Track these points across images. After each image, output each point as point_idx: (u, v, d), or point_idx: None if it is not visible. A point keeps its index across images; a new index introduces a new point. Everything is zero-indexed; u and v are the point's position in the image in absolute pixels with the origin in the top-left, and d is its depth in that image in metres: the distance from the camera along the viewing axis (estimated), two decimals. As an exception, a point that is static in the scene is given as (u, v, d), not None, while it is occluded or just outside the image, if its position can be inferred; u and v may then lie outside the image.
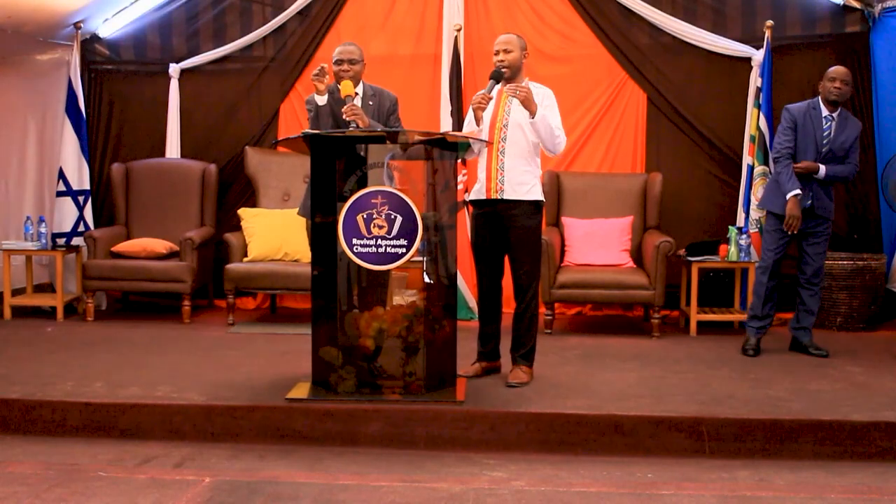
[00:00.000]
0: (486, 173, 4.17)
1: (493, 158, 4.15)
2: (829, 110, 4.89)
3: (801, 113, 4.94)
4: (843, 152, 4.91)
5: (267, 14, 6.44)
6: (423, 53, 6.32)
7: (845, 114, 4.97)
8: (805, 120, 4.91)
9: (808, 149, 4.89)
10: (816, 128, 4.88)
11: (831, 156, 4.89)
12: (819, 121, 4.89)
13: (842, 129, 4.89)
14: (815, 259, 4.95)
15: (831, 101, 4.86)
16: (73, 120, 6.25)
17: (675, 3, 6.12)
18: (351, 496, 3.09)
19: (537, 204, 4.20)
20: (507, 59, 4.15)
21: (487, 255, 4.28)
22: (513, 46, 4.17)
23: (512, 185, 4.13)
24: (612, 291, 5.51)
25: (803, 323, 5.03)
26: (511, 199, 4.13)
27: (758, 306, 5.03)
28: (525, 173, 4.16)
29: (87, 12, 6.19)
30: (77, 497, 3.05)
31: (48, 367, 4.47)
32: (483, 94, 4.09)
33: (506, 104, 4.18)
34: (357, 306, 3.87)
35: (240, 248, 5.98)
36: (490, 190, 4.16)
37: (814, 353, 4.94)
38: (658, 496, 3.13)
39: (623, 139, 6.27)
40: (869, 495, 3.15)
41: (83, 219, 6.27)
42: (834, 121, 4.89)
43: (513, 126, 4.14)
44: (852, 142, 4.91)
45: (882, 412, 3.70)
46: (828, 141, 4.87)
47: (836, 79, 4.85)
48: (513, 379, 4.18)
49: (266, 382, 4.14)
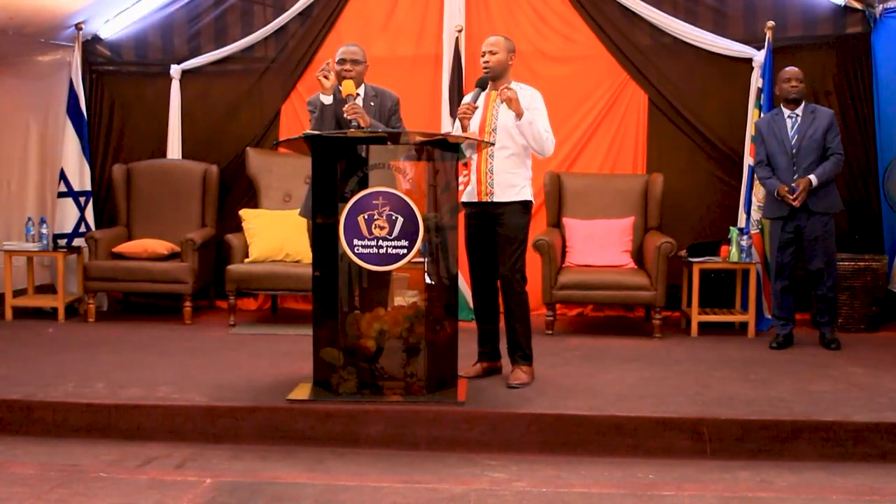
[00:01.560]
0: (477, 176, 4.21)
1: (483, 161, 4.18)
2: (791, 109, 5.16)
3: (765, 122, 5.29)
4: (819, 144, 5.09)
5: (268, 15, 6.44)
6: (424, 54, 6.32)
7: (812, 107, 5.22)
8: (769, 127, 5.22)
9: (776, 151, 5.17)
10: (780, 129, 5.16)
11: (805, 152, 5.08)
12: (782, 123, 5.17)
13: (809, 122, 5.11)
14: (820, 258, 5.11)
15: (791, 100, 5.15)
16: (75, 121, 6.25)
17: (676, 3, 6.12)
18: (352, 497, 3.09)
19: (525, 203, 4.23)
20: (491, 60, 4.16)
21: (480, 256, 4.30)
22: (499, 48, 4.17)
23: (502, 187, 4.16)
24: (613, 292, 5.51)
25: (822, 318, 5.22)
26: (501, 201, 4.17)
27: (775, 307, 5.31)
28: (515, 176, 4.18)
29: (89, 13, 6.19)
30: (78, 498, 3.06)
31: (49, 367, 4.47)
32: (468, 103, 4.12)
33: (494, 108, 4.20)
34: (358, 307, 3.87)
35: (241, 249, 5.99)
36: (481, 192, 4.20)
37: (826, 345, 5.15)
38: (659, 497, 3.13)
39: (624, 140, 6.27)
40: (870, 496, 3.15)
41: (84, 220, 6.28)
42: (799, 117, 5.14)
43: (501, 130, 4.16)
44: (825, 130, 5.11)
45: (883, 413, 3.70)
46: (795, 139, 5.10)
47: (790, 79, 5.18)
48: (513, 380, 4.19)
49: (267, 383, 4.14)
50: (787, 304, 5.24)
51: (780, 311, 5.24)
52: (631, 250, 5.85)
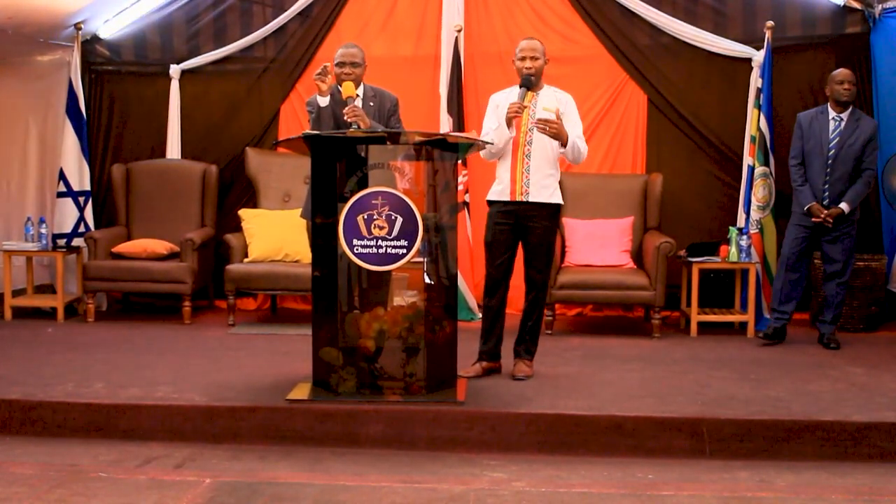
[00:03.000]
0: (511, 175, 4.25)
1: (519, 162, 4.24)
2: (838, 111, 5.09)
3: (808, 118, 5.19)
4: (856, 154, 5.05)
5: (267, 15, 6.43)
6: (423, 54, 6.32)
7: (858, 114, 5.16)
8: (811, 124, 5.14)
9: (813, 151, 5.12)
10: (822, 130, 5.08)
11: (842, 160, 5.05)
12: (825, 123, 5.10)
13: (852, 129, 5.06)
14: (838, 256, 5.13)
15: (842, 103, 5.06)
16: (74, 121, 6.24)
17: (675, 3, 6.12)
18: (351, 497, 3.09)
19: (557, 207, 4.35)
20: (534, 66, 4.25)
21: (502, 255, 4.33)
22: (538, 54, 4.28)
23: (537, 188, 4.24)
24: (612, 292, 5.51)
25: (824, 316, 5.21)
26: (536, 201, 4.24)
27: (775, 299, 5.28)
28: (549, 177, 4.28)
29: (88, 13, 6.19)
30: (78, 498, 3.05)
31: (49, 367, 4.47)
32: (517, 103, 4.17)
33: (530, 109, 4.25)
34: (358, 307, 3.88)
35: (240, 249, 5.98)
36: (515, 192, 4.24)
37: (825, 344, 5.14)
38: (659, 497, 3.13)
39: (623, 140, 6.27)
40: (870, 496, 3.15)
41: (84, 220, 6.27)
42: (843, 121, 5.07)
43: (538, 131, 4.22)
44: (865, 141, 5.06)
45: (883, 413, 3.71)
46: (835, 143, 5.04)
47: (843, 81, 5.08)
48: (518, 373, 4.29)
49: (267, 383, 4.14)
50: (791, 299, 5.22)
51: (781, 305, 5.22)
52: (630, 250, 5.86)
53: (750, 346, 5.24)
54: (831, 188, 5.09)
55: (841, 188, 5.08)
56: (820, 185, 5.10)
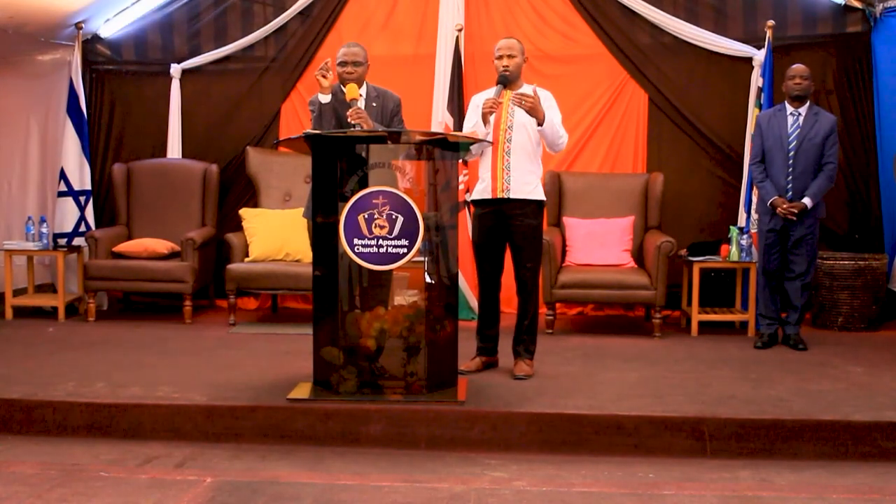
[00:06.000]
0: (492, 173, 4.26)
1: (499, 159, 4.24)
2: (795, 106, 5.14)
3: (766, 117, 5.26)
4: (817, 149, 5.07)
5: (268, 14, 6.44)
6: (424, 53, 6.31)
7: (816, 109, 5.21)
8: (770, 122, 5.20)
9: (774, 148, 5.15)
10: (781, 126, 5.14)
11: (803, 155, 5.08)
12: (784, 120, 5.15)
13: (811, 123, 5.10)
14: (801, 260, 5.14)
15: (795, 97, 5.12)
16: (75, 120, 6.24)
17: (676, 2, 6.12)
18: (352, 496, 3.09)
19: (540, 203, 4.33)
20: (510, 64, 4.26)
21: (490, 254, 4.36)
22: (515, 52, 4.29)
23: (518, 184, 4.24)
24: (613, 291, 5.51)
25: (789, 317, 5.22)
26: (517, 198, 4.24)
27: (760, 304, 5.31)
28: (530, 173, 4.28)
29: (89, 13, 6.19)
30: (78, 497, 3.05)
31: (49, 367, 4.48)
32: (493, 99, 4.18)
33: (510, 106, 4.26)
34: (358, 306, 3.87)
35: (241, 249, 5.99)
36: (496, 189, 4.25)
37: (791, 345, 5.13)
38: (659, 496, 3.13)
39: (624, 139, 6.27)
40: (870, 495, 3.15)
41: (84, 219, 6.27)
42: (802, 115, 5.12)
43: (517, 127, 4.24)
44: (825, 136, 5.09)
45: (883, 412, 3.70)
46: (795, 137, 5.08)
47: (795, 76, 5.15)
48: (519, 372, 4.29)
49: (267, 383, 4.14)
50: (774, 304, 5.25)
51: (767, 311, 5.25)
52: (631, 249, 5.85)
53: (750, 345, 5.24)
54: (794, 183, 5.09)
55: (804, 183, 5.08)
56: (783, 180, 5.11)
